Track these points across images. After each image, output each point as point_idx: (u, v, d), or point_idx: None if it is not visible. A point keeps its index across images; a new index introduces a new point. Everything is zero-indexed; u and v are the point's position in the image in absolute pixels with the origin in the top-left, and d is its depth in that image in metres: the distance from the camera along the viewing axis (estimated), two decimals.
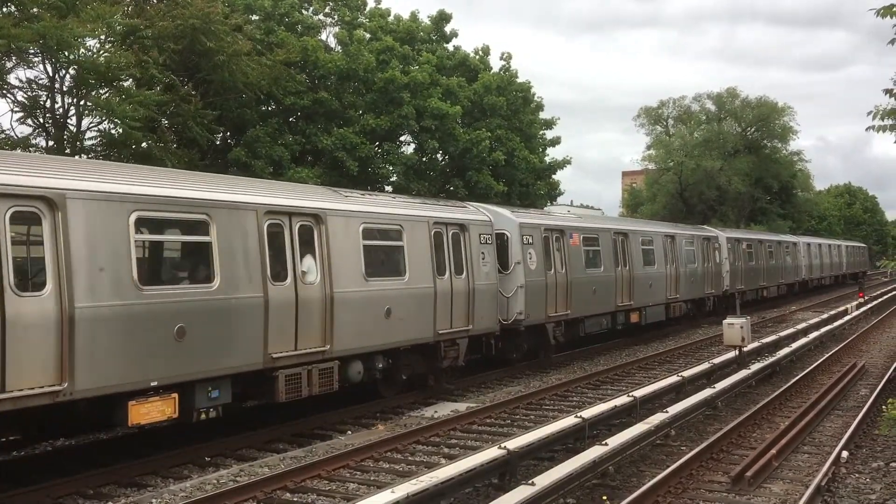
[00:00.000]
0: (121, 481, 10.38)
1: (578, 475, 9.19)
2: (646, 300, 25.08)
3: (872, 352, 22.84)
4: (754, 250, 37.52)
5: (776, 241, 42.77)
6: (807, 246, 49.71)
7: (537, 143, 37.08)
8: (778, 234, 48.41)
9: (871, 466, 10.84)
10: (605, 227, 23.78)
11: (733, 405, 14.88)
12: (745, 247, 36.12)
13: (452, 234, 16.57)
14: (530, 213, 21.90)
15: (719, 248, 32.42)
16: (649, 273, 25.43)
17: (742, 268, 35.17)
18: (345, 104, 29.69)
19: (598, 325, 22.44)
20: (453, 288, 16.13)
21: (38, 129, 21.23)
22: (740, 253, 35.14)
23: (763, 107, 66.85)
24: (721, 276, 32.27)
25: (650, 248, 25.93)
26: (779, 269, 41.93)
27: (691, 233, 30.76)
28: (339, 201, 13.90)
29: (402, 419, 14.38)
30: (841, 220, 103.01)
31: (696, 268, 29.66)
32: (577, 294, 20.73)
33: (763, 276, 38.86)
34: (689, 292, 29.02)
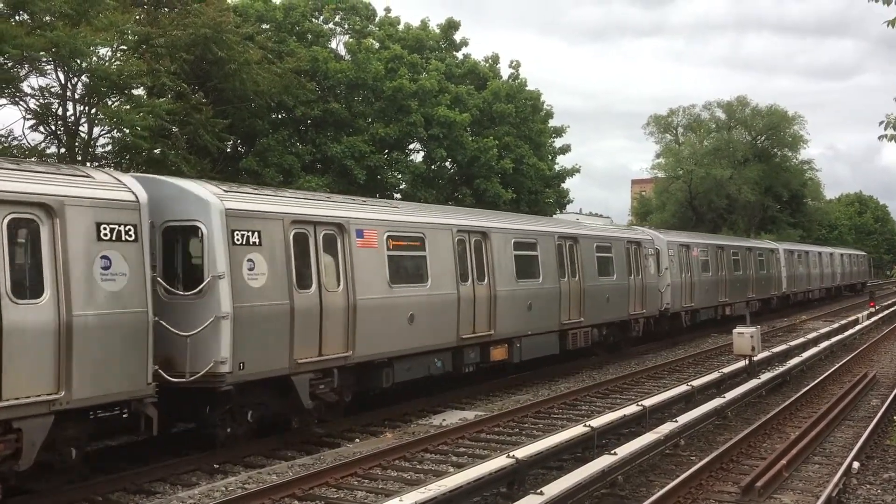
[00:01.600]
0: (129, 488, 10.39)
1: (587, 485, 9.16)
2: (521, 327, 17.99)
3: (883, 361, 22.70)
4: (712, 258, 31.17)
5: (745, 248, 36.06)
6: (788, 253, 42.74)
7: (546, 150, 37.10)
8: (748, 240, 42.26)
9: (882, 477, 10.76)
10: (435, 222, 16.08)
11: (743, 415, 14.80)
12: (696, 253, 29.65)
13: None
14: None
15: (657, 256, 25.91)
16: (529, 289, 18.36)
17: (692, 281, 28.73)
18: (354, 113, 29.79)
19: (409, 371, 14.79)
20: None
21: (50, 137, 21.39)
22: (690, 262, 28.77)
23: (773, 115, 66.69)
24: (658, 292, 25.52)
25: (531, 255, 18.84)
26: (748, 282, 35.09)
27: (609, 234, 23.72)
28: None
29: (410, 427, 14.36)
30: (852, 230, 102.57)
31: (613, 281, 22.58)
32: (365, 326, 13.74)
33: (725, 291, 32.17)
34: (602, 314, 21.80)
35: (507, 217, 20.65)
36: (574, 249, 20.67)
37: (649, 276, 24.94)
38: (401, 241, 14.95)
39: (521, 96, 34.92)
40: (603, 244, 22.37)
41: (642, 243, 25.03)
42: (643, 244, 25.08)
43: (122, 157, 21.85)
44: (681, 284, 27.67)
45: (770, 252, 39.59)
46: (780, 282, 40.33)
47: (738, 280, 33.82)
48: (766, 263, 38.38)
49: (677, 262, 27.41)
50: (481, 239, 17.11)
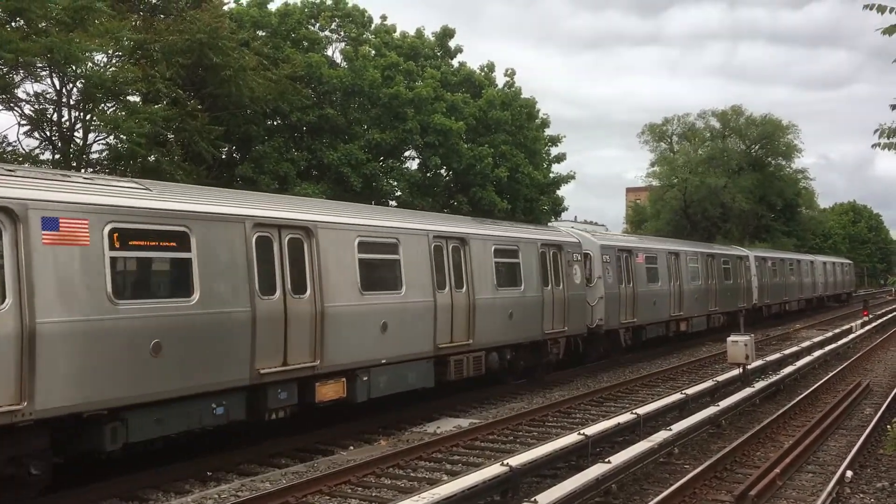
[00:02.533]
0: (122, 495, 10.36)
1: (581, 493, 9.16)
2: (372, 354, 13.84)
3: (877, 370, 22.75)
4: (664, 266, 27.10)
5: (706, 254, 31.62)
6: (761, 261, 38.75)
7: (541, 158, 37.16)
8: (712, 245, 37.26)
9: (875, 487, 10.77)
10: None
11: (737, 423, 14.82)
12: (642, 260, 25.58)
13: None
14: None
15: (586, 262, 22.00)
16: (386, 305, 14.26)
17: (635, 292, 24.57)
18: (350, 119, 29.81)
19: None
20: None
21: (45, 143, 21.34)
22: (633, 269, 24.71)
23: (767, 124, 66.93)
24: (586, 306, 21.54)
25: (391, 259, 14.83)
26: (710, 293, 31.03)
27: (515, 235, 18.89)
28: None
29: (404, 434, 14.34)
30: (846, 239, 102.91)
31: (520, 294, 18.28)
32: None
33: (680, 304, 28.08)
34: (504, 334, 17.69)
35: (345, 208, 15.44)
36: (461, 253, 16.52)
37: (574, 286, 20.65)
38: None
39: (516, 104, 34.99)
40: (505, 246, 18.12)
41: (564, 247, 20.46)
42: (565, 248, 20.57)
43: (117, 164, 21.82)
44: (618, 296, 23.39)
45: (738, 259, 35.45)
46: (749, 292, 36.23)
47: (696, 291, 29.80)
48: (734, 272, 34.35)
49: (614, 269, 23.32)
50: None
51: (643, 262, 25.69)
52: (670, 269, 27.74)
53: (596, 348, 23.11)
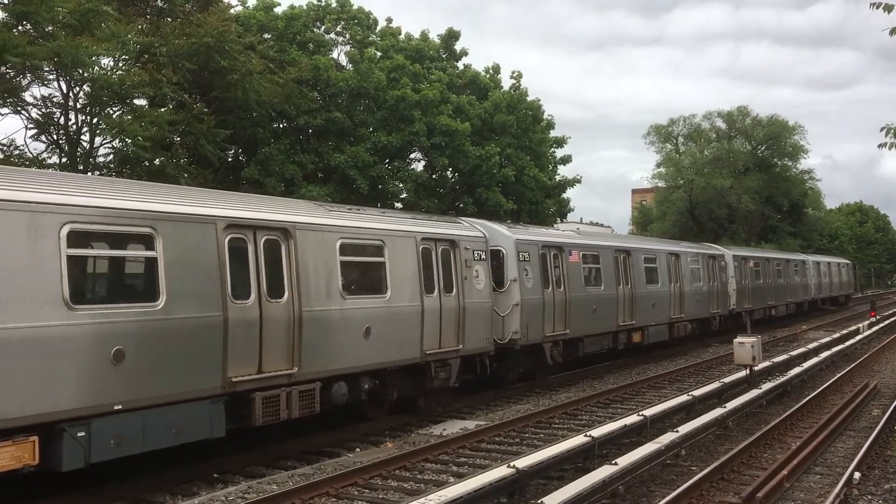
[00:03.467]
0: (129, 497, 10.38)
1: (588, 495, 9.15)
2: (101, 395, 9.76)
3: (884, 372, 22.67)
4: (609, 266, 22.70)
5: (668, 253, 27.28)
6: (741, 261, 34.46)
7: (547, 160, 37.17)
8: (677, 243, 32.51)
9: (883, 488, 10.74)
10: None
11: (744, 425, 14.78)
12: (577, 259, 21.22)
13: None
14: None
15: (496, 262, 18.26)
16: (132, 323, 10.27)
17: (567, 298, 20.20)
18: (356, 122, 29.86)
19: None
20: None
21: (52, 146, 21.44)
22: (566, 271, 20.47)
23: (774, 125, 66.86)
24: (494, 317, 17.38)
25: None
26: (672, 298, 26.81)
27: (381, 227, 14.58)
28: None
29: (410, 437, 14.35)
30: (852, 239, 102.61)
31: (385, 303, 14.17)
32: None
33: (630, 311, 23.65)
34: (357, 356, 13.51)
35: None
36: (289, 251, 12.32)
37: (475, 292, 16.51)
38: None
39: (521, 106, 35.00)
40: (363, 242, 13.95)
41: (460, 242, 16.33)
42: (462, 243, 16.41)
43: (124, 168, 21.89)
44: (542, 304, 19.09)
45: (711, 259, 31.12)
46: (725, 297, 32.06)
47: (654, 296, 25.27)
48: (706, 273, 30.19)
49: (537, 270, 19.09)
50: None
51: (579, 261, 21.17)
52: (619, 269, 23.31)
53: (514, 368, 18.91)
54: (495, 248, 18.26)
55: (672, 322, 26.85)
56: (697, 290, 29.23)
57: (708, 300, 30.28)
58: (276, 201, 14.21)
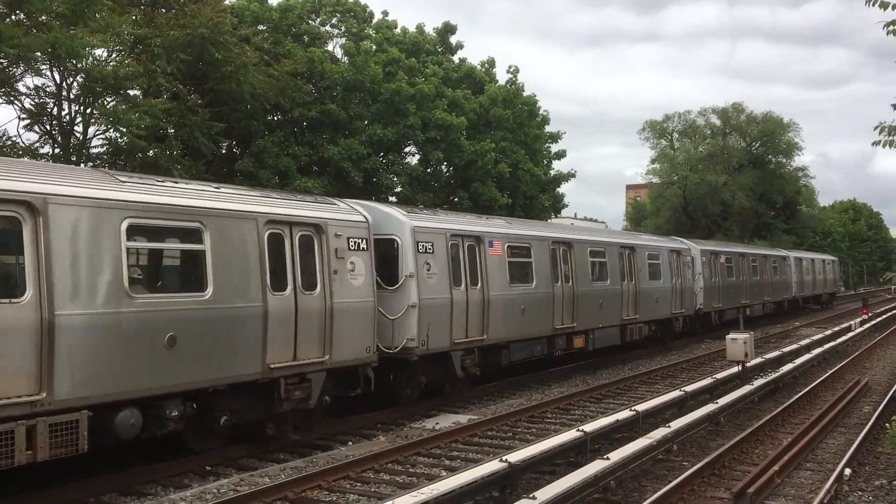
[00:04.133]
0: (121, 489, 10.37)
1: (580, 489, 9.16)
2: None
3: (876, 369, 22.77)
4: (543, 260, 19.49)
5: (619, 246, 23.91)
6: (710, 257, 31.63)
7: (542, 156, 37.19)
8: (628, 234, 30.69)
9: (873, 485, 10.79)
10: None
11: (736, 421, 14.83)
12: (501, 251, 17.88)
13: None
14: None
15: (392, 252, 15.28)
16: None
17: (485, 298, 16.98)
18: (351, 115, 29.81)
19: None
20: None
21: (45, 137, 21.34)
22: (483, 265, 17.15)
23: (768, 122, 67.02)
24: (373, 322, 14.01)
25: None
26: (622, 297, 23.42)
27: (183, 203, 11.08)
28: None
29: (403, 430, 14.36)
30: (845, 237, 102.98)
31: (204, 302, 11.05)
32: None
33: (572, 312, 20.52)
34: (182, 372, 10.65)
35: None
36: (35, 235, 9.21)
37: (349, 289, 13.34)
38: None
39: (517, 101, 34.99)
40: (169, 224, 10.92)
41: (328, 228, 13.14)
42: (332, 229, 13.23)
43: (117, 158, 21.81)
44: (450, 304, 15.93)
45: (674, 254, 28.05)
46: (690, 296, 29.08)
47: (601, 295, 22.11)
48: (666, 271, 26.84)
49: (445, 265, 15.91)
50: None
51: (503, 253, 17.97)
52: (557, 264, 20.19)
53: (412, 382, 15.69)
54: (386, 236, 15.16)
55: (624, 324, 23.56)
56: (657, 288, 26.07)
57: (670, 299, 27.10)
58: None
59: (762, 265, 38.80)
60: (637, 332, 24.33)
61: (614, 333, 23.12)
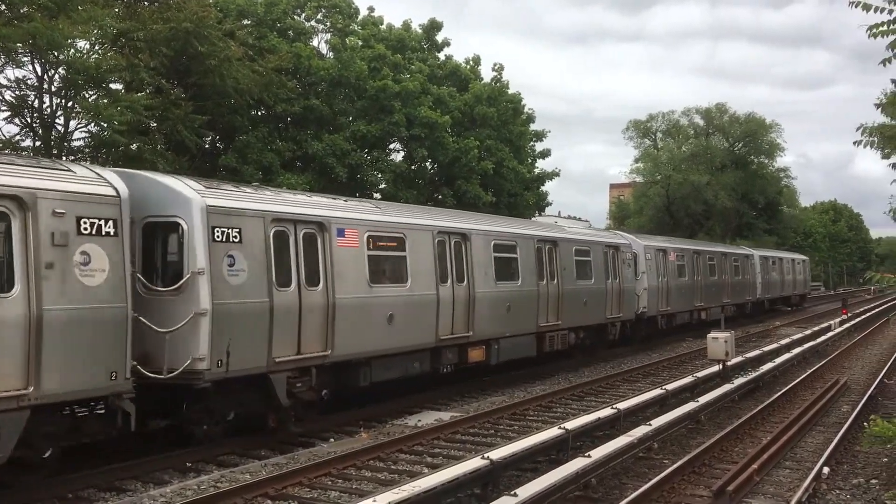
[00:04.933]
0: (100, 485, 10.29)
1: (561, 487, 9.19)
2: None
3: (854, 368, 22.98)
4: (422, 255, 15.83)
5: (538, 240, 20.00)
6: (657, 255, 28.18)
7: (526, 153, 37.24)
8: (560, 228, 23.40)
9: (851, 483, 10.90)
10: None
11: (716, 419, 14.92)
12: (346, 243, 13.92)
13: None
14: None
15: (179, 242, 11.52)
16: None
17: (324, 305, 13.20)
18: (335, 111, 29.73)
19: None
20: None
21: (26, 130, 21.14)
22: (328, 258, 13.45)
23: (751, 123, 67.45)
24: (163, 335, 10.77)
25: None
26: (541, 300, 19.71)
27: None
28: None
29: (385, 427, 14.34)
30: (826, 237, 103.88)
31: None
32: None
33: (467, 317, 16.94)
34: None
35: None
36: None
37: (79, 292, 9.54)
38: None
39: (502, 99, 35.01)
40: None
41: (35, 205, 9.21)
42: (42, 208, 9.28)
43: (99, 152, 21.63)
44: (269, 311, 12.17)
45: (612, 250, 24.11)
46: (630, 297, 25.16)
47: (509, 298, 18.22)
48: (600, 269, 22.94)
49: (262, 260, 12.20)
50: None
51: (360, 246, 14.16)
52: (445, 259, 16.46)
53: (206, 417, 11.85)
54: (165, 218, 11.46)
55: (542, 332, 19.79)
56: (584, 290, 22.11)
57: (603, 301, 23.15)
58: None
59: (721, 264, 35.40)
60: (559, 341, 20.62)
61: (527, 343, 19.36)
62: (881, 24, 8.42)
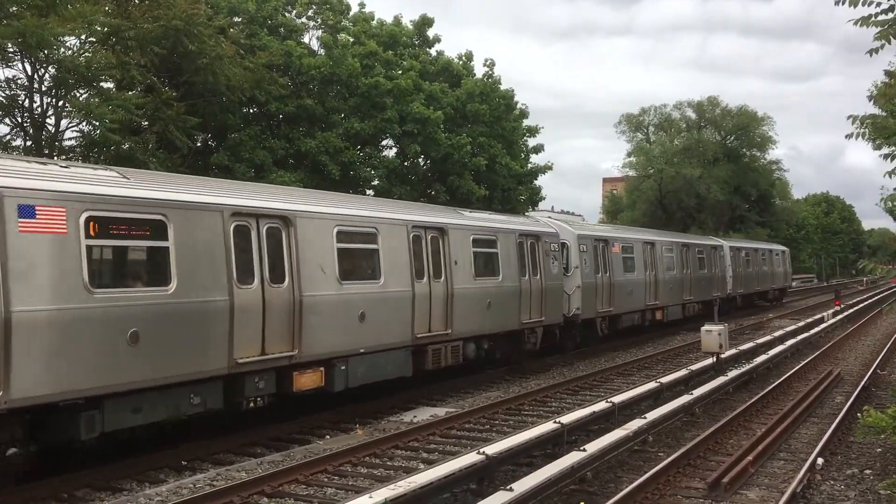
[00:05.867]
0: (95, 484, 10.27)
1: (556, 481, 9.21)
2: None
3: (848, 360, 23.07)
4: (210, 246, 11.34)
5: (412, 226, 15.64)
6: (596, 246, 23.77)
7: (519, 149, 37.24)
8: (456, 212, 18.90)
9: (845, 473, 10.94)
10: None
11: (710, 412, 14.97)
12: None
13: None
14: None
15: None
16: None
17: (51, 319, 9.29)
18: (328, 108, 29.68)
19: None
20: None
21: (16, 129, 21.05)
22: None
23: (742, 116, 67.66)
24: None
25: None
26: (434, 304, 16.03)
27: None
28: None
29: (381, 424, 14.34)
30: (818, 229, 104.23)
31: None
32: None
33: (300, 331, 12.51)
34: None
35: None
36: None
37: None
38: None
39: (494, 95, 35.00)
40: None
41: None
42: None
43: (91, 152, 21.55)
44: None
45: (531, 240, 19.86)
46: (556, 298, 20.80)
47: (359, 303, 13.76)
48: (511, 263, 18.78)
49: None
50: None
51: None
52: (260, 253, 12.20)
53: None
54: None
55: (421, 345, 15.64)
56: (491, 290, 17.90)
57: (517, 304, 18.90)
58: None
59: (683, 256, 30.71)
60: (447, 355, 16.51)
61: (400, 360, 15.21)
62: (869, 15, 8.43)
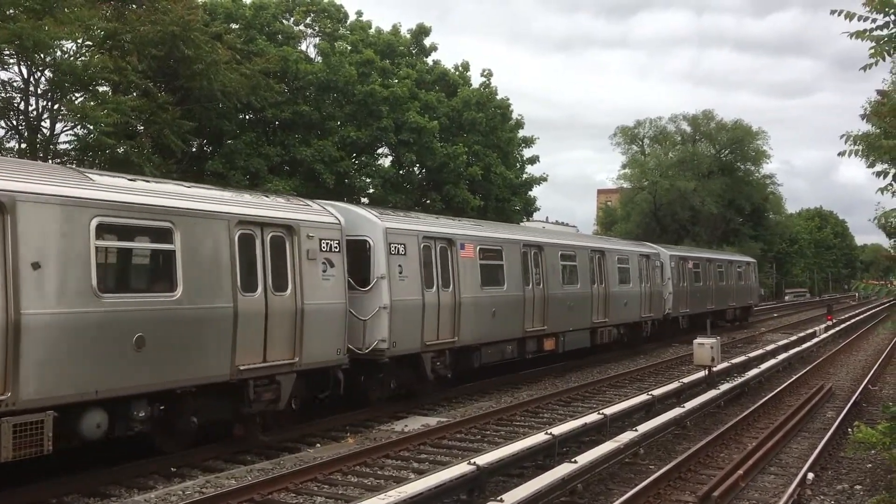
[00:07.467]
0: (83, 490, 10.21)
1: (547, 492, 9.19)
2: None
3: (839, 374, 23.11)
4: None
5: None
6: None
7: (514, 159, 37.33)
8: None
9: (835, 489, 10.94)
10: None
11: (702, 425, 14.96)
12: None
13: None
14: None
15: None
16: None
17: None
18: (324, 115, 29.71)
19: None
20: None
21: (11, 132, 21.02)
22: None
23: (737, 130, 67.97)
24: None
25: None
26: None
27: None
28: None
29: (371, 433, 14.30)
30: (811, 244, 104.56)
31: None
32: None
33: None
34: None
35: None
36: None
37: None
38: None
39: (490, 104, 35.10)
40: None
41: None
42: None
43: (85, 155, 21.52)
44: None
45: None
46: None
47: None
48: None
49: None
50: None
51: None
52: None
53: None
54: None
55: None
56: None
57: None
58: None
59: (595, 266, 23.71)
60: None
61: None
62: (864, 30, 8.47)
